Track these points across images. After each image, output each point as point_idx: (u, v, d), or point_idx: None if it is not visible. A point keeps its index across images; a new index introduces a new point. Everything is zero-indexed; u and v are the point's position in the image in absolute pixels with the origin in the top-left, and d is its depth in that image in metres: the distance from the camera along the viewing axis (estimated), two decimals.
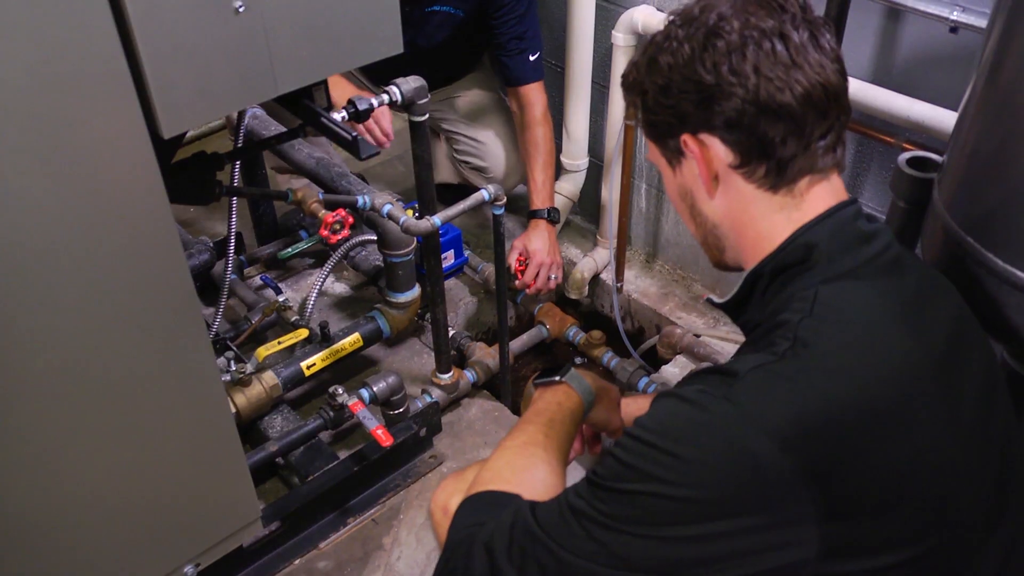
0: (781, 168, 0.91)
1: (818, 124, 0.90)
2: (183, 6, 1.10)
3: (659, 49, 0.94)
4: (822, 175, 0.94)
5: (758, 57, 0.88)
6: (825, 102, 0.90)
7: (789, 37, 0.89)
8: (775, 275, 0.94)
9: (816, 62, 0.89)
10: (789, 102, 0.88)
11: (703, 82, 0.90)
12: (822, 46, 0.90)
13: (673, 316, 2.40)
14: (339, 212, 1.70)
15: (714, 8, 0.91)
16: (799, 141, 0.90)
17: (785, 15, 0.90)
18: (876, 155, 1.88)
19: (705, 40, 0.90)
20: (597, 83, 2.36)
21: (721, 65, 0.89)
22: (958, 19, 1.57)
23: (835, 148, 0.94)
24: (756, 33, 0.89)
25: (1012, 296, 1.04)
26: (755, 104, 0.88)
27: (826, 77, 0.89)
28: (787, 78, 0.88)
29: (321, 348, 1.95)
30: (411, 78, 1.60)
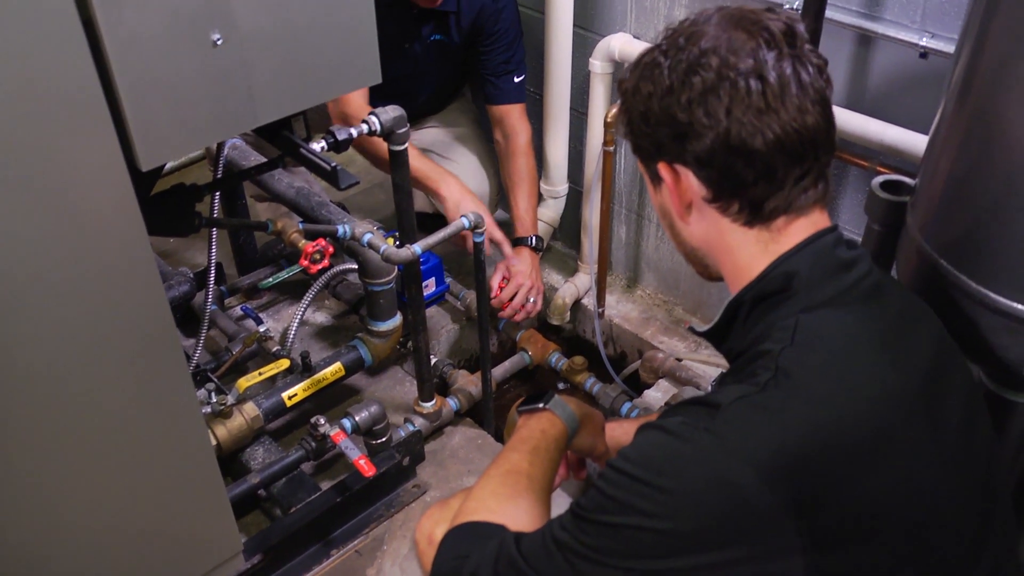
0: (755, 207, 0.91)
1: (792, 168, 0.89)
2: (161, 39, 1.11)
3: (642, 76, 0.94)
4: (800, 213, 0.93)
5: (732, 99, 0.87)
6: (799, 147, 0.88)
7: (767, 79, 0.86)
8: (756, 303, 0.94)
9: (795, 106, 0.87)
10: (760, 148, 0.87)
11: (677, 118, 0.90)
12: (805, 84, 0.88)
13: (655, 340, 2.41)
14: (319, 242, 1.70)
15: (699, 39, 0.90)
16: (771, 184, 0.90)
17: (771, 50, 0.88)
18: (852, 178, 1.90)
19: (684, 75, 0.89)
20: (576, 110, 2.38)
21: (695, 104, 0.88)
22: (927, 45, 1.60)
23: (815, 186, 0.92)
24: (733, 73, 0.87)
25: (986, 318, 1.05)
26: (726, 147, 0.88)
27: (803, 122, 0.87)
28: (759, 123, 0.86)
29: (303, 378, 1.94)
30: (390, 108, 1.61)
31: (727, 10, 0.92)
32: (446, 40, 2.28)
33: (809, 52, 0.90)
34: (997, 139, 1.01)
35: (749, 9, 0.91)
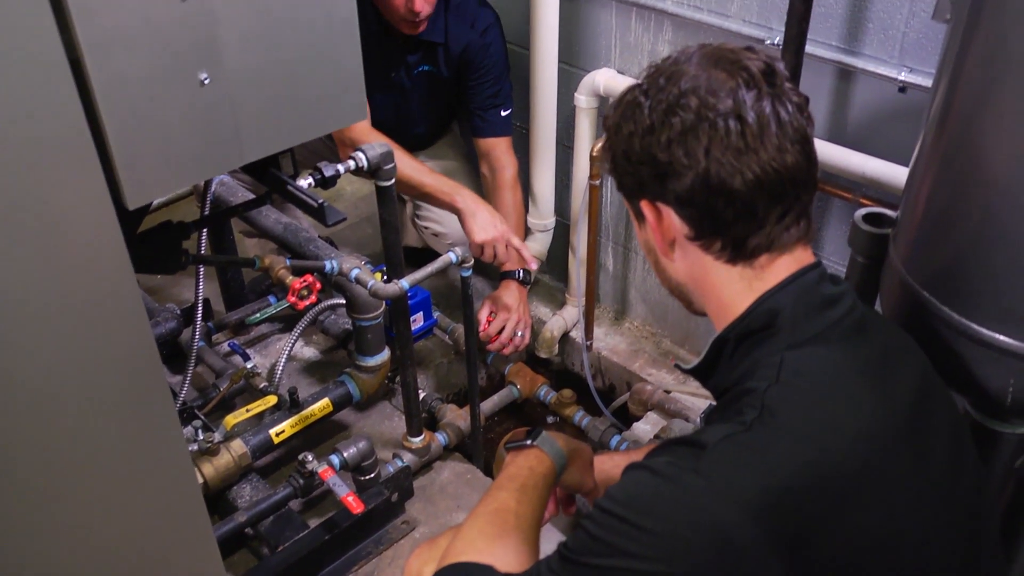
0: (737, 245, 0.92)
1: (772, 207, 0.90)
2: (148, 79, 1.11)
3: (624, 115, 0.95)
4: (782, 250, 0.93)
5: (711, 140, 0.87)
6: (779, 187, 0.89)
7: (745, 119, 0.87)
8: (740, 340, 0.94)
9: (774, 145, 0.87)
10: (739, 187, 0.88)
11: (657, 158, 0.90)
12: (784, 123, 0.88)
13: (643, 373, 2.41)
14: (306, 278, 1.70)
15: (679, 79, 0.90)
16: (752, 223, 0.90)
17: (751, 90, 0.88)
18: (835, 210, 1.92)
19: (664, 115, 0.90)
20: (562, 144, 2.40)
21: (675, 144, 0.89)
22: (906, 79, 1.63)
23: (797, 224, 0.93)
24: (712, 114, 0.87)
25: (969, 348, 1.06)
26: (705, 186, 0.88)
27: (782, 161, 0.88)
28: (738, 163, 0.87)
29: (290, 414, 1.93)
30: (377, 144, 1.62)
31: (707, 49, 0.93)
32: (435, 72, 2.30)
33: (789, 90, 0.91)
34: (975, 171, 1.03)
35: (729, 48, 0.92)
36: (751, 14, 1.85)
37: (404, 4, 2.06)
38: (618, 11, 2.11)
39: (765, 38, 1.82)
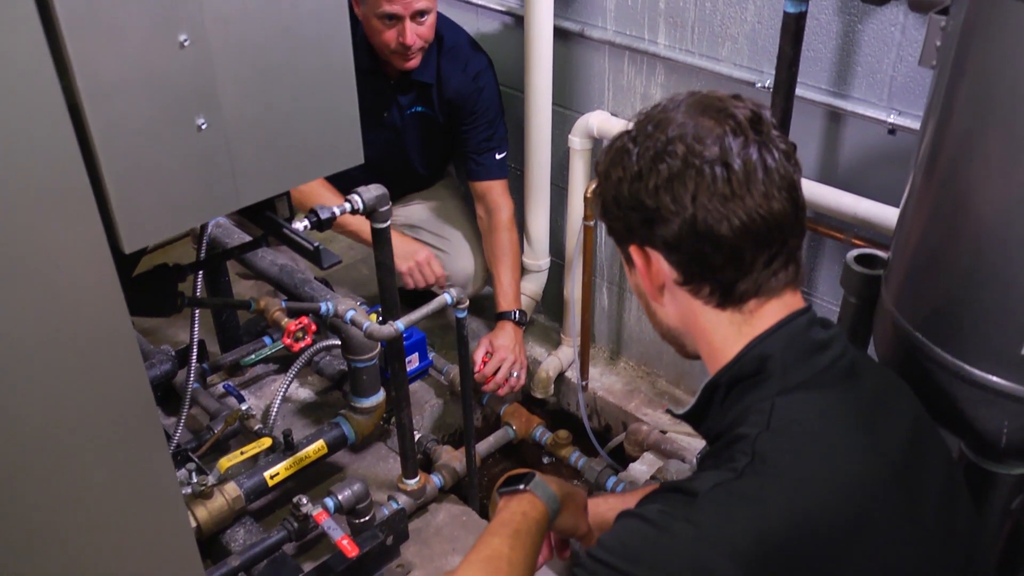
0: (725, 290, 0.92)
1: (759, 253, 0.90)
2: (146, 124, 1.13)
3: (613, 161, 0.96)
4: (771, 295, 0.94)
5: (697, 186, 0.88)
6: (766, 233, 0.89)
7: (731, 166, 0.88)
8: (732, 386, 0.95)
9: (760, 192, 0.88)
10: (726, 234, 0.88)
11: (645, 204, 0.91)
12: (771, 170, 0.89)
13: (639, 413, 2.41)
14: (302, 320, 1.71)
15: (667, 126, 0.91)
16: (739, 269, 0.91)
17: (737, 137, 0.89)
18: (827, 250, 1.93)
19: (652, 161, 0.91)
20: (556, 185, 2.42)
21: (662, 190, 0.90)
22: (895, 122, 1.65)
23: (785, 269, 0.93)
24: (698, 161, 0.88)
25: (963, 390, 1.06)
26: (693, 232, 0.89)
27: (768, 208, 0.89)
28: (724, 210, 0.88)
29: (285, 457, 1.92)
30: (372, 186, 1.63)
31: (696, 96, 0.94)
32: (429, 113, 2.33)
33: (776, 138, 0.91)
34: (964, 213, 1.04)
35: (716, 96, 0.94)
36: (742, 58, 1.88)
37: (395, 38, 2.09)
38: (611, 54, 2.14)
39: (756, 81, 1.84)
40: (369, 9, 2.08)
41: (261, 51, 1.21)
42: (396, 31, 2.08)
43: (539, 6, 2.09)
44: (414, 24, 2.07)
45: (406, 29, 2.06)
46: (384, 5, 2.04)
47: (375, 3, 2.05)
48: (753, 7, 1.81)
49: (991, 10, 0.94)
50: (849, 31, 1.69)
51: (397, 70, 2.22)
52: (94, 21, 1.04)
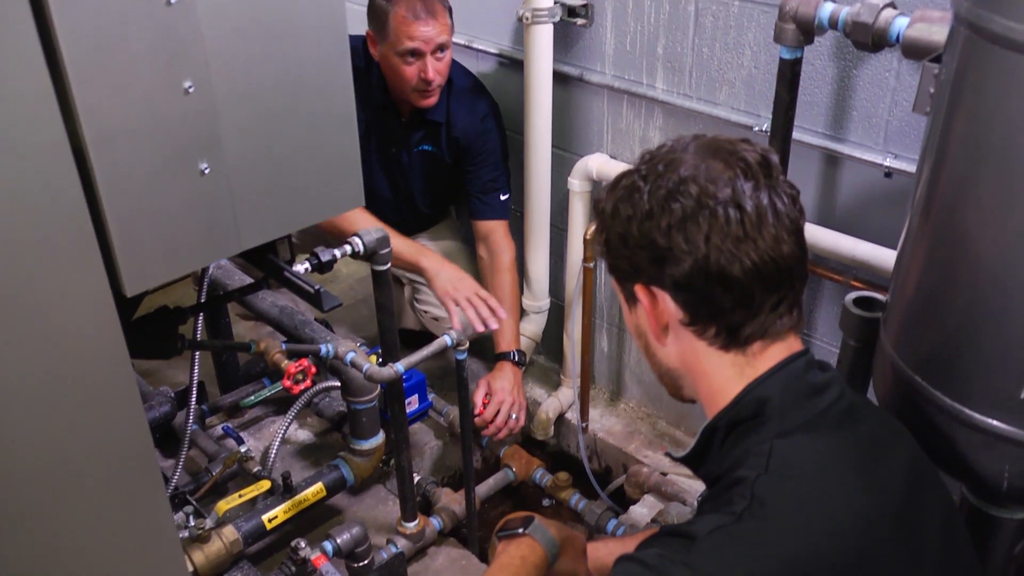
0: (732, 332, 0.93)
1: (768, 296, 0.91)
2: (150, 169, 1.14)
3: (622, 199, 0.96)
4: (775, 338, 0.94)
5: (711, 227, 0.88)
6: (775, 275, 0.90)
7: (744, 208, 0.89)
8: (730, 429, 0.95)
9: (771, 235, 0.89)
10: (737, 275, 0.89)
11: (656, 243, 0.91)
12: (780, 214, 0.90)
13: (639, 455, 2.40)
14: (302, 362, 1.71)
15: (678, 166, 0.92)
16: (748, 310, 0.91)
17: (748, 180, 0.90)
18: (826, 292, 1.94)
19: (664, 200, 0.91)
20: (556, 226, 2.43)
21: (675, 230, 0.90)
22: (891, 165, 1.66)
23: (790, 313, 0.94)
24: (712, 202, 0.89)
25: (963, 433, 1.06)
26: (704, 273, 0.90)
27: (779, 251, 0.90)
28: (737, 251, 0.88)
29: (283, 499, 1.91)
30: (373, 229, 1.65)
31: (703, 139, 0.95)
32: (436, 152, 2.35)
33: (783, 182, 0.93)
34: (960, 257, 1.04)
35: (725, 139, 0.94)
36: (739, 102, 1.91)
37: (416, 75, 2.12)
38: (610, 98, 2.17)
39: (753, 125, 1.86)
40: (389, 48, 2.11)
41: (264, 97, 1.22)
42: (417, 67, 2.11)
43: (539, 51, 2.12)
44: (434, 60, 2.11)
45: (427, 65, 2.10)
46: (406, 42, 2.07)
47: (396, 41, 2.08)
48: (750, 52, 1.84)
49: (982, 58, 0.95)
50: (844, 76, 1.72)
51: (409, 108, 2.25)
52: (100, 67, 1.06)
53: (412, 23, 2.05)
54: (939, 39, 1.29)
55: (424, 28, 2.06)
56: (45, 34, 0.99)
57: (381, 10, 2.10)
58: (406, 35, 2.06)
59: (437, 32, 2.08)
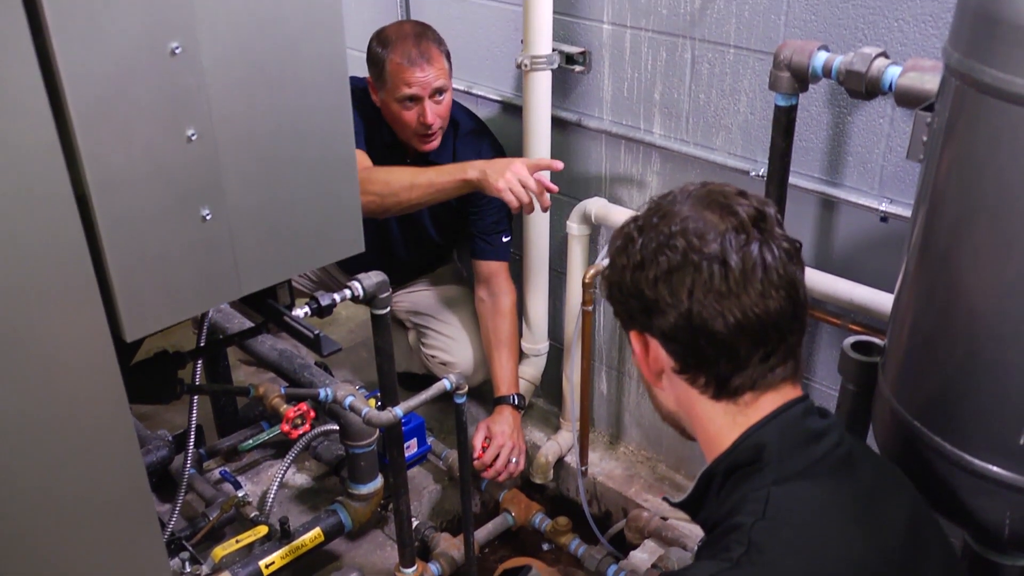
0: (720, 383, 0.94)
1: (755, 350, 0.92)
2: (152, 215, 1.15)
3: (619, 248, 0.98)
4: (768, 388, 0.94)
5: (694, 282, 0.90)
6: (761, 331, 0.90)
7: (729, 264, 0.89)
8: (728, 475, 0.95)
9: (757, 291, 0.89)
10: (720, 330, 0.90)
11: (644, 293, 0.93)
12: (769, 269, 0.90)
13: (639, 499, 2.38)
14: (301, 407, 1.71)
15: (672, 218, 0.93)
16: (734, 364, 0.92)
17: (739, 234, 0.90)
18: (825, 336, 1.94)
19: (653, 253, 0.92)
20: (555, 270, 2.44)
21: (660, 282, 0.91)
22: (887, 210, 1.68)
23: (783, 365, 0.94)
24: (697, 256, 0.90)
25: (964, 480, 1.06)
26: (688, 326, 0.91)
27: (764, 307, 0.90)
28: (720, 307, 0.89)
29: (281, 545, 1.90)
30: (372, 273, 1.65)
31: (703, 190, 0.96)
32: None
33: (779, 236, 0.93)
34: (957, 301, 1.05)
35: (722, 192, 0.95)
36: (736, 147, 1.93)
37: (416, 119, 2.14)
38: (608, 143, 2.19)
39: (750, 170, 1.88)
40: (389, 95, 2.14)
41: (265, 144, 1.24)
42: (416, 112, 2.13)
43: (537, 97, 2.15)
44: (433, 103, 2.13)
45: (426, 109, 2.12)
46: (404, 88, 2.10)
47: (395, 88, 2.11)
48: (745, 99, 1.87)
49: (973, 108, 0.97)
50: (839, 122, 1.74)
51: (414, 149, 2.27)
52: (105, 116, 1.07)
53: (408, 69, 2.08)
54: (931, 88, 1.31)
55: (420, 73, 2.09)
56: (51, 83, 1.01)
57: (378, 58, 2.13)
58: (403, 81, 2.09)
59: (434, 76, 2.11)
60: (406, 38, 2.10)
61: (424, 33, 2.14)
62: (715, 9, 1.84)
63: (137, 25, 1.06)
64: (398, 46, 2.10)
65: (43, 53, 0.99)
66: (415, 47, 2.09)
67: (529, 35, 2.07)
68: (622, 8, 2.01)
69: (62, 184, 1.04)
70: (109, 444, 1.16)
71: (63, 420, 1.11)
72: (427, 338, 2.55)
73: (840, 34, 1.66)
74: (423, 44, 2.10)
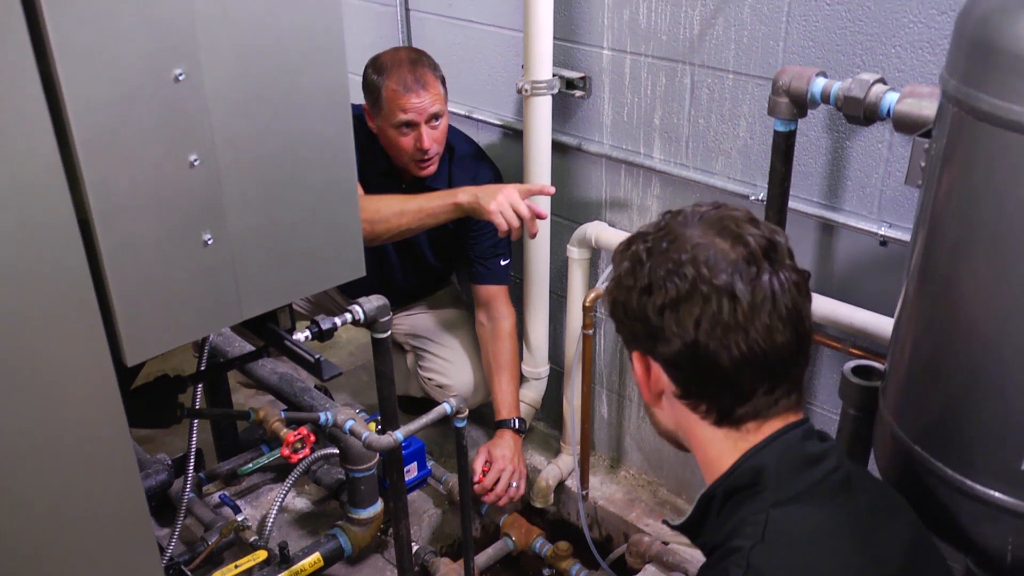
0: (723, 412, 0.93)
1: (759, 383, 0.91)
2: (154, 240, 1.16)
3: (626, 271, 0.96)
4: (771, 417, 0.94)
5: (702, 312, 0.89)
6: (766, 364, 0.90)
7: (738, 297, 0.88)
8: (727, 498, 0.95)
9: (764, 325, 0.88)
10: (725, 363, 0.89)
11: (650, 319, 0.92)
12: (778, 302, 0.89)
13: (640, 523, 2.37)
14: (301, 431, 1.70)
15: (682, 244, 0.91)
16: (737, 395, 0.92)
17: (750, 266, 0.89)
18: (826, 359, 1.94)
19: (663, 279, 0.91)
20: (555, 293, 2.44)
21: (667, 310, 0.90)
22: (886, 234, 1.68)
23: (787, 396, 0.94)
24: (706, 288, 0.89)
25: (966, 505, 1.05)
26: (692, 356, 0.90)
27: (771, 342, 0.89)
28: (726, 340, 0.88)
29: (280, 570, 1.89)
30: (373, 297, 1.65)
31: (714, 214, 0.95)
32: None
33: (789, 267, 0.92)
34: (957, 326, 1.05)
35: (733, 217, 0.94)
36: (735, 172, 1.93)
37: (412, 144, 2.15)
38: (608, 167, 2.20)
39: (749, 194, 1.89)
40: (385, 121, 2.15)
41: (268, 169, 1.25)
42: (413, 137, 2.14)
43: (538, 122, 2.16)
44: (429, 129, 2.14)
45: (423, 135, 2.13)
46: (399, 114, 2.11)
47: (391, 114, 2.12)
48: (745, 124, 1.88)
49: (971, 134, 0.97)
50: (838, 147, 1.75)
51: (411, 175, 2.28)
52: (109, 142, 1.08)
53: (403, 95, 2.10)
54: (929, 114, 1.32)
55: (416, 99, 2.10)
56: (55, 109, 1.02)
57: (374, 85, 2.14)
58: (399, 108, 2.10)
59: (430, 102, 2.12)
60: (401, 64, 2.12)
61: (419, 59, 2.15)
62: (714, 35, 1.86)
63: (141, 52, 1.07)
64: (394, 72, 2.11)
65: (48, 79, 1.00)
66: (410, 73, 2.11)
67: (530, 60, 2.09)
68: (622, 34, 2.03)
69: (65, 209, 1.04)
70: (109, 468, 1.15)
71: (63, 444, 1.11)
72: (425, 361, 2.55)
73: (838, 60, 1.67)
74: (419, 70, 2.12)
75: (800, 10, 1.70)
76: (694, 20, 1.88)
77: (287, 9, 1.19)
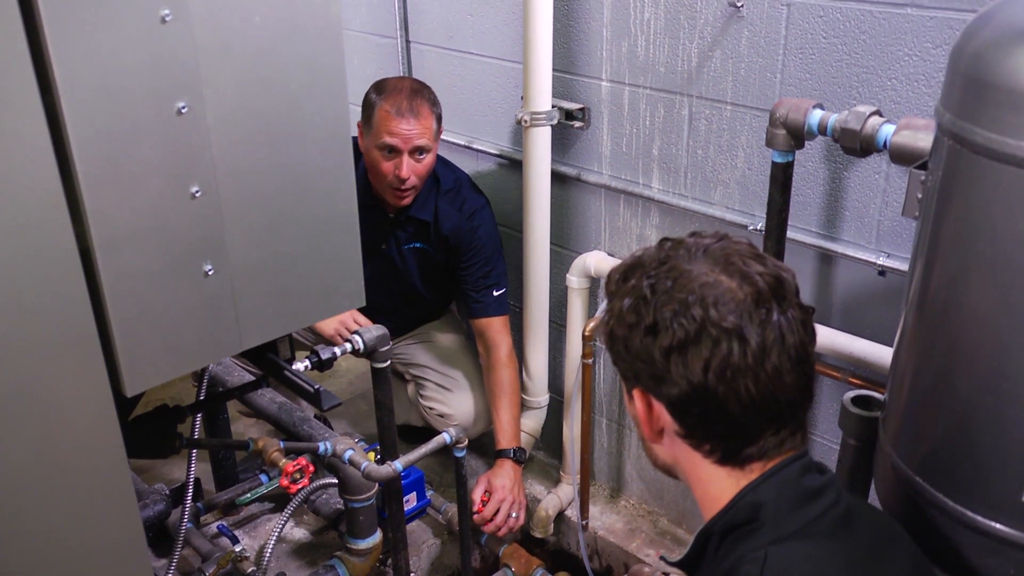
0: (728, 453, 0.93)
1: (767, 426, 0.90)
2: (155, 270, 1.16)
3: (629, 307, 0.92)
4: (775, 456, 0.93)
5: (711, 355, 0.87)
6: (774, 408, 0.89)
7: (747, 340, 0.86)
8: (725, 534, 0.94)
9: (773, 367, 0.87)
10: (733, 407, 0.88)
11: (655, 361, 0.90)
12: (787, 344, 0.88)
13: (640, 553, 2.35)
14: (300, 461, 1.70)
15: (687, 283, 0.89)
16: (743, 438, 0.91)
17: (759, 307, 0.87)
18: (825, 389, 1.94)
19: (669, 319, 0.88)
20: (555, 323, 2.45)
21: (674, 353, 0.88)
22: (884, 264, 1.69)
23: (792, 437, 0.93)
24: (715, 330, 0.87)
25: (967, 537, 1.05)
26: (700, 400, 0.89)
27: (779, 384, 0.88)
28: (735, 383, 0.87)
29: None
30: (373, 327, 1.66)
31: (719, 249, 0.93)
32: (428, 250, 2.37)
33: (796, 305, 0.91)
34: (955, 357, 1.05)
35: (739, 253, 0.92)
36: (734, 202, 1.94)
37: (392, 170, 2.16)
38: (607, 197, 2.21)
39: (748, 224, 1.90)
40: (371, 140, 2.17)
41: (269, 201, 1.25)
42: (394, 164, 2.15)
43: (537, 152, 2.17)
44: (411, 160, 2.15)
45: (403, 163, 2.14)
46: (385, 136, 2.12)
47: (377, 134, 2.14)
48: (743, 154, 1.89)
49: (966, 167, 0.98)
50: (836, 178, 1.76)
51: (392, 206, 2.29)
52: (112, 173, 1.09)
53: (394, 119, 2.11)
54: (925, 146, 1.33)
55: (404, 126, 2.11)
56: (59, 141, 1.02)
57: (370, 103, 2.16)
58: (386, 130, 2.12)
59: (418, 133, 2.13)
60: (401, 91, 2.14)
61: (420, 91, 2.17)
62: (712, 67, 1.87)
63: (144, 85, 1.08)
64: (391, 96, 2.13)
65: (52, 111, 1.01)
66: (407, 100, 2.13)
67: (529, 92, 2.11)
68: (620, 66, 2.05)
69: (67, 239, 1.05)
70: (107, 498, 1.15)
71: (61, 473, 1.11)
72: (425, 390, 2.54)
73: (835, 92, 1.68)
74: (416, 100, 2.13)
75: (797, 43, 1.72)
76: (692, 52, 1.90)
77: (289, 42, 1.20)
